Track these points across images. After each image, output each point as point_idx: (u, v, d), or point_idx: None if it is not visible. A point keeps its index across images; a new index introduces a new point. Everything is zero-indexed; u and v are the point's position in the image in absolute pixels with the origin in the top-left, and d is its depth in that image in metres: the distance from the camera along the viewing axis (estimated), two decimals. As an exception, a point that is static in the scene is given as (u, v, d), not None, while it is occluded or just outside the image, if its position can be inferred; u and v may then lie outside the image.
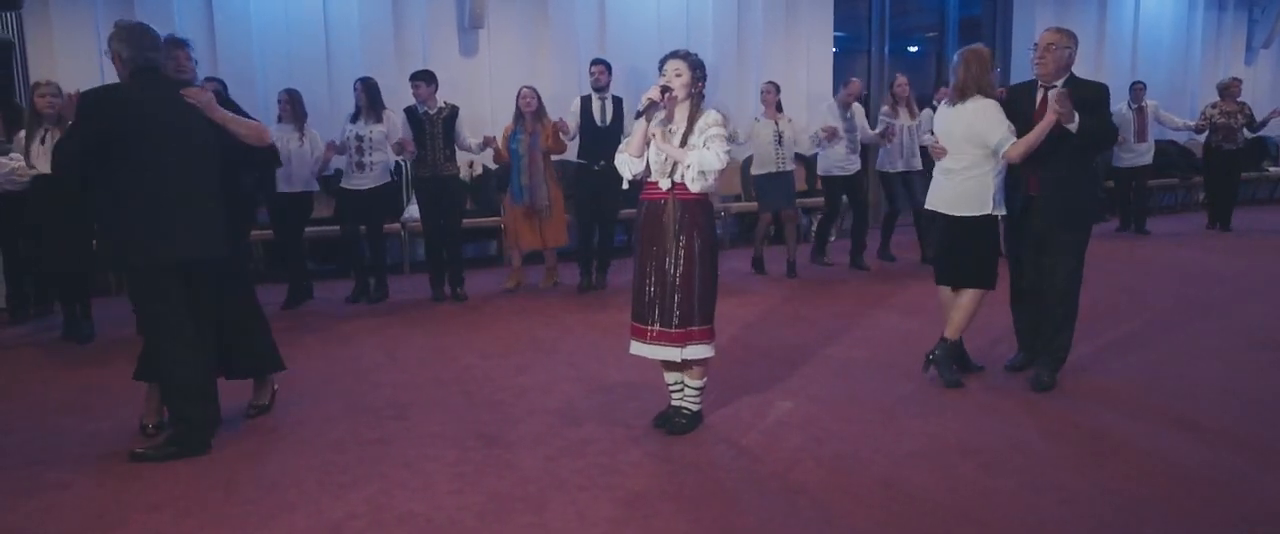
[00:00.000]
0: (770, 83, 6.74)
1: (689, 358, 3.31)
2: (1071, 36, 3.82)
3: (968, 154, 3.76)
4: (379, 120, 5.92)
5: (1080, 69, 3.93)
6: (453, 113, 6.04)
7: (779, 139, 6.53)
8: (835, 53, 9.03)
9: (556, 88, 7.39)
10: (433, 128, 5.95)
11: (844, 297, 5.95)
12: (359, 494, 2.95)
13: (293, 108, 5.90)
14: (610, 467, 3.13)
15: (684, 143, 3.24)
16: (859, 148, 6.75)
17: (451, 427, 3.57)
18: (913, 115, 6.92)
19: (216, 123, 3.32)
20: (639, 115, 3.22)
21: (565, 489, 2.96)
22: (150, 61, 3.30)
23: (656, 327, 3.28)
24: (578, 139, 6.23)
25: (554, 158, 6.25)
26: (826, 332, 4.98)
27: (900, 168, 6.92)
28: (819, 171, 6.97)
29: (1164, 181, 9.89)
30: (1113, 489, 2.88)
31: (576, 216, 6.47)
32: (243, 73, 6.71)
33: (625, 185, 3.40)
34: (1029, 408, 3.65)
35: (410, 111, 6.04)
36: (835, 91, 7.82)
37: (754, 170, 6.76)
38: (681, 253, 3.25)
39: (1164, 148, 10.02)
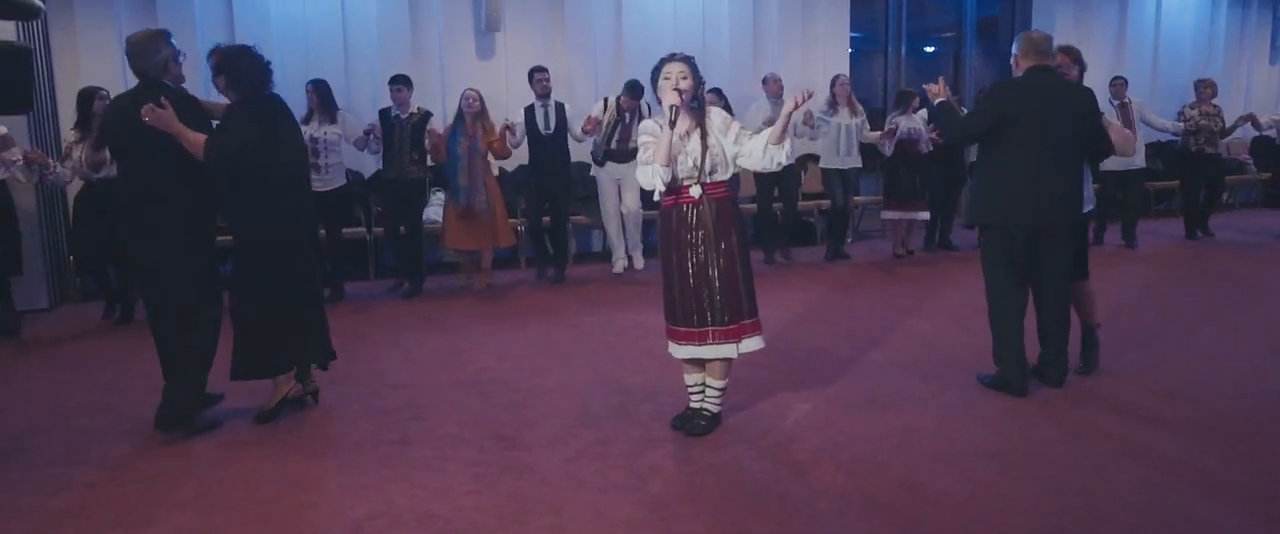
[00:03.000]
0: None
1: (745, 351, 3.32)
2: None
3: None
4: (333, 122, 6.03)
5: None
6: (424, 118, 6.17)
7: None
8: (852, 53, 8.98)
9: (572, 90, 7.40)
10: (402, 131, 6.10)
11: (863, 299, 5.93)
12: (379, 494, 2.97)
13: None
14: (629, 469, 3.14)
15: (705, 140, 3.24)
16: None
17: (469, 428, 3.58)
18: (854, 113, 7.20)
19: (172, 134, 3.36)
20: (672, 124, 3.21)
21: (584, 491, 2.96)
22: (140, 72, 3.49)
23: (712, 327, 3.28)
24: (524, 144, 6.44)
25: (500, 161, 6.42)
26: (845, 334, 4.96)
27: (837, 164, 7.21)
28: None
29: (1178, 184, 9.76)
30: (1136, 495, 2.85)
31: (529, 218, 6.67)
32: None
33: (656, 196, 3.38)
34: (1049, 411, 3.63)
35: (384, 114, 6.19)
36: (852, 93, 7.85)
37: None
38: (722, 252, 3.26)
39: (1182, 149, 9.89)
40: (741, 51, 8.26)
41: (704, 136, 3.26)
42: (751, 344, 3.34)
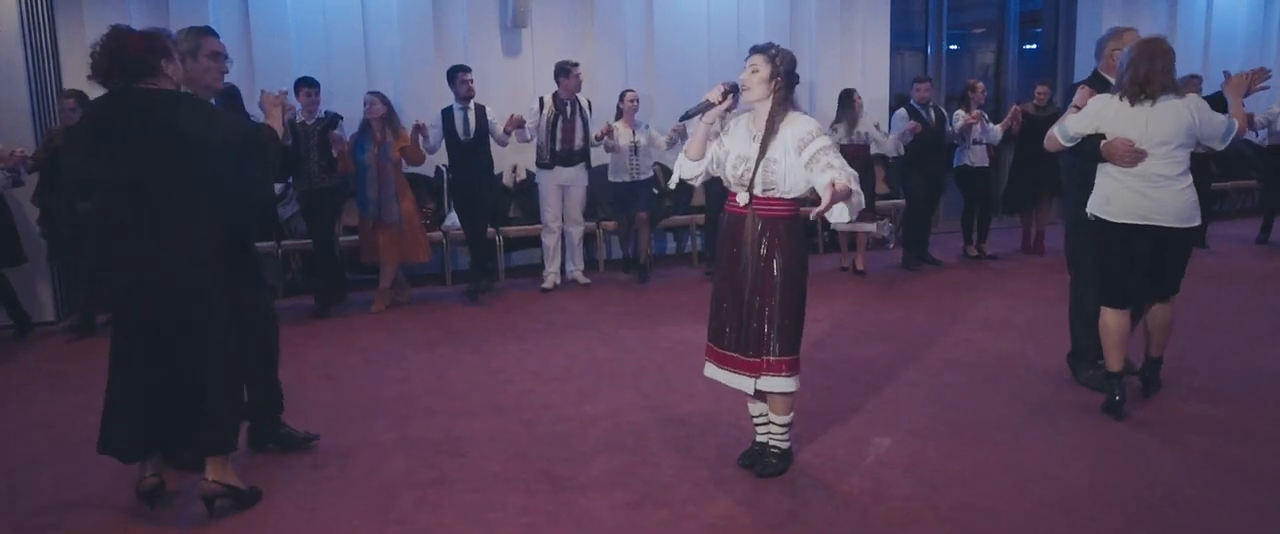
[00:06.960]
0: (631, 91, 6.55)
1: (763, 390, 2.93)
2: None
3: (1183, 158, 3.46)
4: None
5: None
6: (331, 122, 5.74)
7: (634, 149, 6.45)
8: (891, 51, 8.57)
9: (599, 88, 7.04)
10: (308, 138, 5.66)
11: (917, 309, 5.53)
12: (419, 549, 2.62)
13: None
14: (700, 518, 2.77)
15: (764, 148, 2.87)
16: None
17: (514, 465, 3.22)
18: None
19: None
20: (688, 117, 2.88)
21: (652, 546, 2.60)
22: None
23: (731, 351, 2.94)
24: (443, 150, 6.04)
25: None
26: (907, 350, 4.58)
27: None
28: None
29: (1241, 184, 9.34)
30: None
31: (463, 226, 6.23)
32: (279, 73, 6.43)
33: (686, 187, 3.07)
34: (1168, 443, 3.23)
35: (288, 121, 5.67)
36: (891, 91, 7.48)
37: (610, 178, 6.64)
38: (761, 273, 2.88)
39: (1236, 147, 9.45)
40: (777, 48, 7.87)
41: (768, 139, 2.88)
42: (773, 383, 2.90)
